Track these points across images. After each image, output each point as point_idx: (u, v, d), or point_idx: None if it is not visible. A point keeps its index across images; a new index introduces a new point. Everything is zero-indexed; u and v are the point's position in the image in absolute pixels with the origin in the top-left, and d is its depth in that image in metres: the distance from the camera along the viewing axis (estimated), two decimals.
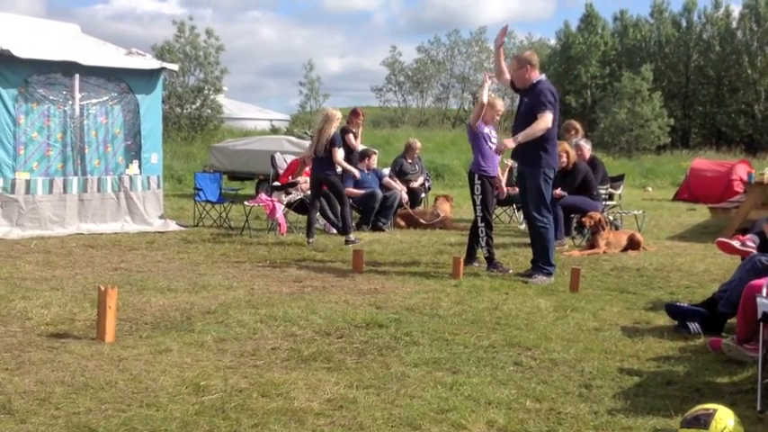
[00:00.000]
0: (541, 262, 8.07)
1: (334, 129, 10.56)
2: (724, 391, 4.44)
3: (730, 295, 5.62)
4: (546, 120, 7.85)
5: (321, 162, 10.47)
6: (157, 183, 11.97)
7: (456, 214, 14.15)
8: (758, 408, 4.09)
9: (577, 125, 13.02)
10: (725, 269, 8.34)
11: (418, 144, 14.02)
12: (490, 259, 8.67)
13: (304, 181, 11.78)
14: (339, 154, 10.74)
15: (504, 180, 13.63)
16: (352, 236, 10.60)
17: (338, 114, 10.89)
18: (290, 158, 13.40)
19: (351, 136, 12.85)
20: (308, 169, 11.53)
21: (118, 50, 11.95)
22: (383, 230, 12.24)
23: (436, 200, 13.40)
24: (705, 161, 22.14)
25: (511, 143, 7.99)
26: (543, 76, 8.27)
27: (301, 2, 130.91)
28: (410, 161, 13.73)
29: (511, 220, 14.27)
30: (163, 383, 4.35)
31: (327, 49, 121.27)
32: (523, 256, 9.24)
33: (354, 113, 13.34)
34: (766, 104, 44.30)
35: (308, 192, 11.64)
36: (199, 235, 11.10)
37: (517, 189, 14.04)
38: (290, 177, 12.09)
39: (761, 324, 4.44)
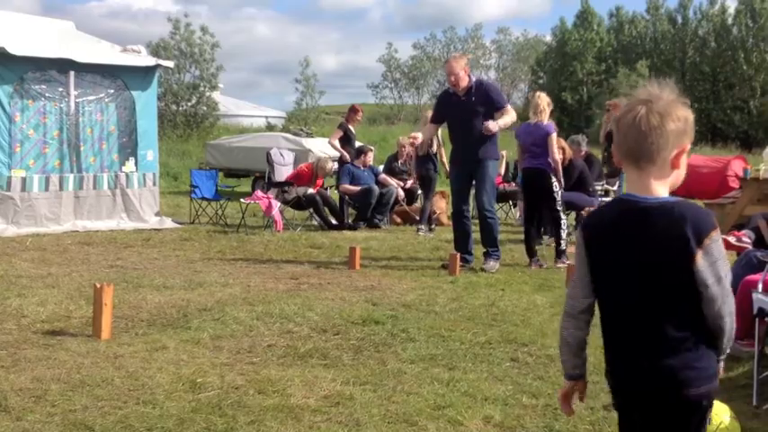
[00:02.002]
0: (492, 249, 8.48)
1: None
2: (720, 386, 4.44)
3: None
4: (513, 112, 8.59)
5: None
6: (153, 180, 11.95)
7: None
8: (754, 402, 4.10)
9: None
10: None
11: (405, 142, 13.87)
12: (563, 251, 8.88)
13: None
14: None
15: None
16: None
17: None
18: (286, 153, 13.36)
19: (337, 132, 12.86)
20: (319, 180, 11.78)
21: (113, 47, 11.93)
22: (379, 227, 12.24)
23: None
24: (701, 157, 22.17)
25: (494, 126, 8.27)
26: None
27: None
28: (401, 161, 13.69)
29: (507, 216, 14.27)
30: (159, 380, 4.35)
31: (323, 46, 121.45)
32: (519, 251, 9.25)
33: (353, 110, 13.38)
34: (762, 100, 44.36)
35: (306, 191, 11.67)
36: (195, 232, 11.08)
37: (512, 185, 14.18)
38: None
39: (756, 320, 4.45)
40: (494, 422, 3.86)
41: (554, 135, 8.70)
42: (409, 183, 13.38)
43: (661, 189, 2.18)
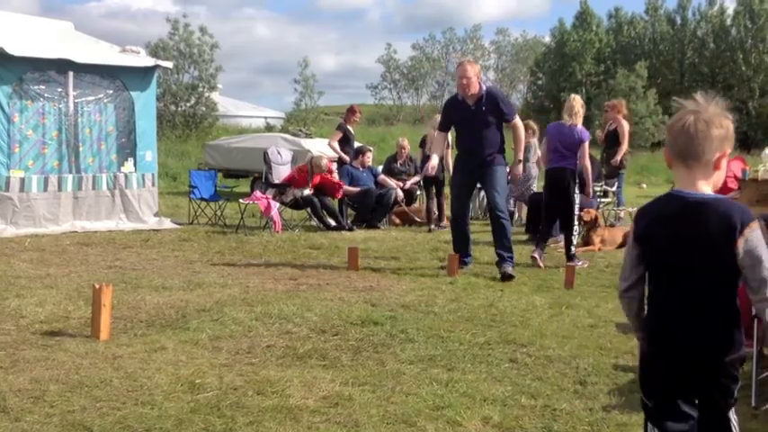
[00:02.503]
0: (508, 254, 8.16)
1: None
2: None
3: None
4: (521, 125, 8.67)
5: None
6: (152, 180, 11.95)
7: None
8: (753, 403, 4.10)
9: (534, 126, 13.27)
10: None
11: (405, 143, 13.88)
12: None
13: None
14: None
15: None
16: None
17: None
18: (284, 152, 13.33)
19: (337, 133, 12.88)
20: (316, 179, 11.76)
21: (112, 48, 11.93)
22: (378, 228, 12.23)
23: None
24: None
25: (520, 171, 8.95)
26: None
27: None
28: (400, 161, 13.69)
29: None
30: (158, 381, 4.34)
31: (322, 46, 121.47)
32: (517, 252, 9.24)
33: (352, 111, 13.39)
34: (760, 101, 44.42)
35: (305, 192, 11.67)
36: (194, 233, 11.08)
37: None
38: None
39: (755, 320, 4.45)
40: (492, 423, 3.86)
41: (587, 143, 8.81)
42: (408, 183, 13.38)
43: (705, 187, 2.56)
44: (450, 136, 10.01)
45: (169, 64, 14.21)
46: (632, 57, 45.78)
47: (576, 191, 8.79)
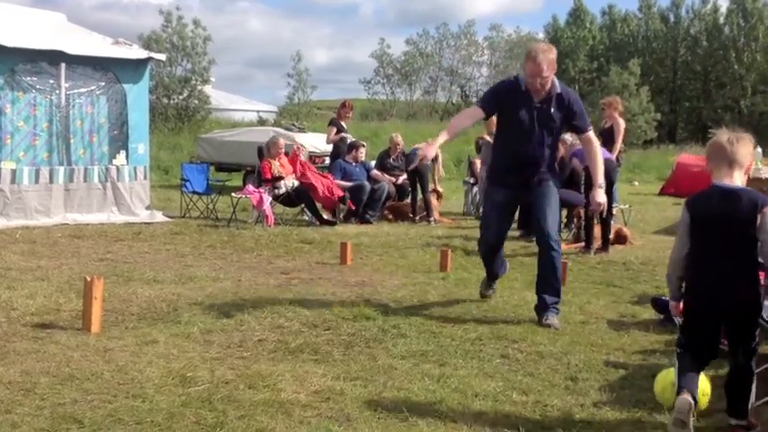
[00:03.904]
0: (554, 300, 6.09)
1: None
2: (713, 383, 4.45)
3: None
4: (596, 142, 6.45)
5: None
6: (144, 173, 11.91)
7: (444, 207, 14.15)
8: None
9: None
10: None
11: (398, 140, 13.89)
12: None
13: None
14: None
15: None
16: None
17: None
18: None
19: (332, 128, 12.92)
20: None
21: (104, 40, 11.88)
22: (371, 223, 12.24)
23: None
24: (691, 156, 22.23)
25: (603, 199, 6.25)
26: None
27: None
28: (393, 157, 13.69)
29: None
30: (149, 375, 4.33)
31: (316, 40, 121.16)
32: (509, 248, 9.25)
33: (344, 106, 13.39)
34: (753, 100, 44.56)
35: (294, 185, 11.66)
36: (185, 226, 11.05)
37: None
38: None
39: None
40: (484, 418, 3.86)
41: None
42: (401, 179, 13.38)
43: (739, 181, 3.78)
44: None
45: (162, 56, 14.18)
46: (625, 54, 45.86)
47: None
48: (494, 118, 14.82)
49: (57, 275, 7.19)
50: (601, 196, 6.14)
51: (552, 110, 6.05)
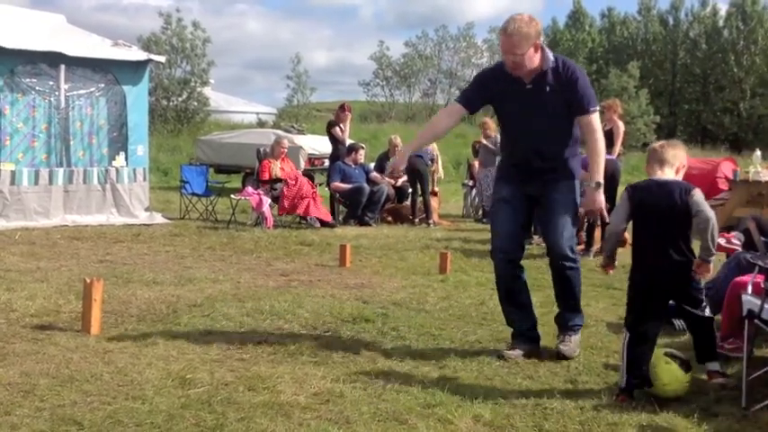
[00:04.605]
0: (573, 321, 5.26)
1: None
2: (708, 387, 4.46)
3: (715, 293, 5.64)
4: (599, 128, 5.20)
5: None
6: (143, 175, 11.92)
7: (443, 209, 14.16)
8: (743, 404, 4.11)
9: (492, 123, 13.55)
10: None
11: (397, 141, 13.91)
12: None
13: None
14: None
15: None
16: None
17: None
18: None
19: (338, 129, 12.95)
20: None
21: (104, 41, 11.89)
22: (370, 225, 12.24)
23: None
24: (690, 159, 22.19)
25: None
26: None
27: None
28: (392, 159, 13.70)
29: None
30: (148, 376, 4.33)
31: (315, 42, 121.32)
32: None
33: (342, 108, 13.39)
34: (752, 103, 44.58)
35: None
36: (185, 228, 11.05)
37: None
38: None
39: (746, 321, 4.47)
40: (483, 421, 3.86)
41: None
42: (400, 181, 13.39)
43: (671, 176, 4.42)
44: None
45: (161, 58, 14.19)
46: (625, 57, 45.86)
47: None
48: (489, 121, 14.88)
49: (56, 277, 7.18)
50: (596, 197, 4.93)
51: (547, 89, 4.93)
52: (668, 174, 4.39)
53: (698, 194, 4.26)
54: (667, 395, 4.23)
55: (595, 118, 5.04)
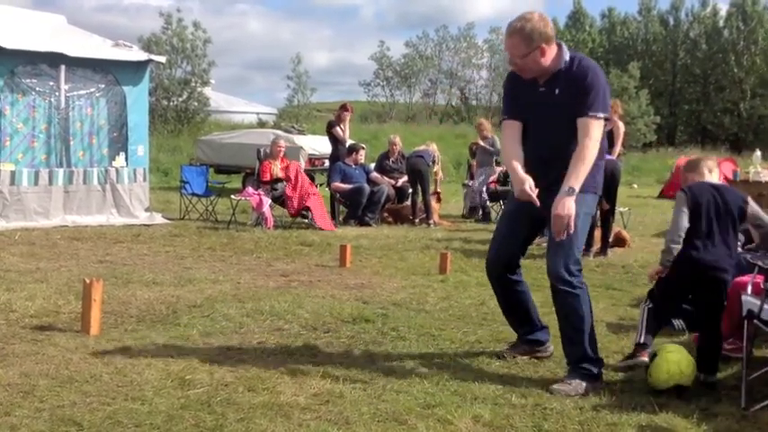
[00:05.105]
0: (577, 353, 4.60)
1: None
2: (708, 387, 4.46)
3: None
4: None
5: None
6: (143, 175, 11.91)
7: (443, 210, 14.15)
8: (742, 405, 4.11)
9: (488, 124, 13.61)
10: None
11: (397, 141, 13.92)
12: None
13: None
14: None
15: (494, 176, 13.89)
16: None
17: None
18: None
19: (338, 129, 12.96)
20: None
21: (104, 42, 11.89)
22: (370, 225, 12.24)
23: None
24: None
25: None
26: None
27: None
28: (392, 159, 13.71)
29: (498, 215, 14.33)
30: (148, 377, 4.33)
31: (315, 43, 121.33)
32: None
33: (344, 108, 13.39)
34: (752, 103, 44.57)
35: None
36: (185, 228, 11.06)
37: (502, 186, 14.27)
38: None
39: (746, 321, 4.47)
40: (483, 421, 3.86)
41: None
42: (400, 181, 13.40)
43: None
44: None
45: (162, 59, 14.19)
46: (625, 57, 45.86)
47: None
48: (485, 122, 14.90)
49: (56, 277, 7.18)
50: (565, 202, 4.30)
51: (557, 91, 4.56)
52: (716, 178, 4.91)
53: (752, 202, 4.68)
54: (669, 384, 4.32)
55: (595, 124, 4.44)
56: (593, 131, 4.43)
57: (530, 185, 4.41)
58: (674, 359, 4.35)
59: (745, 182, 11.84)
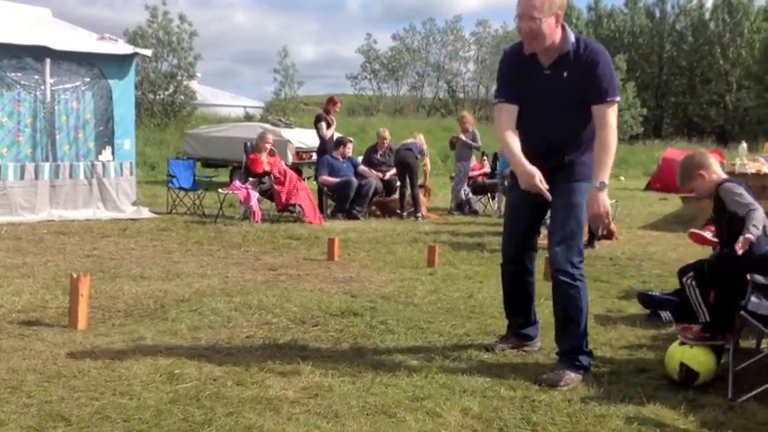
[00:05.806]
0: (570, 349, 4.60)
1: None
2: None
3: None
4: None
5: None
6: (130, 169, 11.87)
7: (432, 203, 14.17)
8: (729, 396, 4.14)
9: (470, 117, 13.67)
10: (696, 258, 8.40)
11: (386, 135, 13.91)
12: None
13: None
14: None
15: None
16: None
17: None
18: None
19: (323, 124, 12.92)
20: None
21: (90, 35, 11.82)
22: (358, 219, 12.24)
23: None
24: (677, 151, 22.34)
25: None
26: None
27: None
28: (380, 152, 13.71)
29: (485, 208, 14.37)
30: (136, 372, 4.32)
31: (302, 36, 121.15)
32: (498, 243, 9.25)
33: (331, 101, 13.37)
34: (738, 95, 44.83)
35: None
36: (172, 222, 11.02)
37: (491, 178, 14.30)
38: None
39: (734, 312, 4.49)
40: (472, 414, 3.87)
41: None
42: (388, 174, 13.40)
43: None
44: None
45: (148, 52, 14.12)
46: (611, 49, 45.78)
47: None
48: (468, 115, 14.96)
49: (42, 272, 7.15)
50: (600, 198, 4.32)
51: (565, 74, 4.40)
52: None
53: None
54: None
55: (612, 111, 4.41)
56: (610, 119, 4.39)
57: (539, 178, 4.32)
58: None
59: (731, 174, 11.88)
